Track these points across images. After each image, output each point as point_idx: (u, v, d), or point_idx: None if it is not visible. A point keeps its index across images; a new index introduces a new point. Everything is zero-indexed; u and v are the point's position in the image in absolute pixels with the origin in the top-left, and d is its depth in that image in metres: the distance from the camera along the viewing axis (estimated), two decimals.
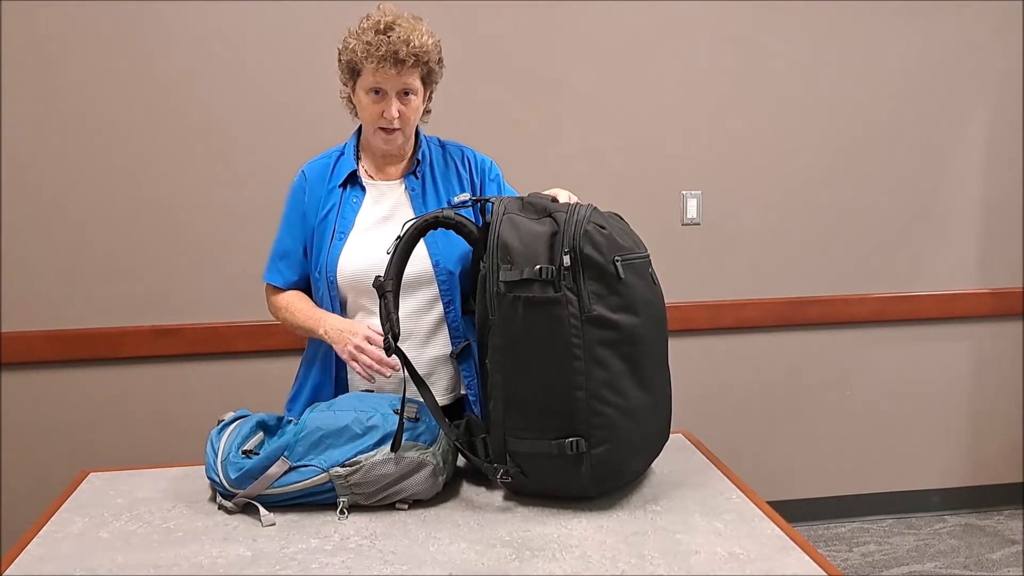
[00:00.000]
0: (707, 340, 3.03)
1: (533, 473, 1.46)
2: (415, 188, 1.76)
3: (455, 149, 1.83)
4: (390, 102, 1.67)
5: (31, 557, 1.34)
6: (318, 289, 1.75)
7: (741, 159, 2.95)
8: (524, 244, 1.43)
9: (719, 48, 2.87)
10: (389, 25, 1.64)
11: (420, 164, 1.77)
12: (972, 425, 3.23)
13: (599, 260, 1.40)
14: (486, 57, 2.76)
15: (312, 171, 1.78)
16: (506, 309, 1.43)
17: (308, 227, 1.76)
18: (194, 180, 2.68)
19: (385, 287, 1.53)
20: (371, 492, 1.45)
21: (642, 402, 1.46)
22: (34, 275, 2.65)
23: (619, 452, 1.44)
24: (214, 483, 1.48)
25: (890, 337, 3.12)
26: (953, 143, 3.05)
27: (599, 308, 1.40)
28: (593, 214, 1.44)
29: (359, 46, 1.64)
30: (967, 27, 2.97)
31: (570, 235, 1.40)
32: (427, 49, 1.66)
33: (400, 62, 1.63)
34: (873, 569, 2.87)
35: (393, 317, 1.51)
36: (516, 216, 1.47)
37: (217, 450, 1.48)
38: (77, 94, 2.60)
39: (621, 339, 1.42)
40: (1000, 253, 3.12)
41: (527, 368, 1.43)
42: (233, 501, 1.46)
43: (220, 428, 1.53)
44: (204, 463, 1.50)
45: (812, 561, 1.28)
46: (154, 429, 2.75)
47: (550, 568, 1.27)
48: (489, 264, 1.45)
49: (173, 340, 2.72)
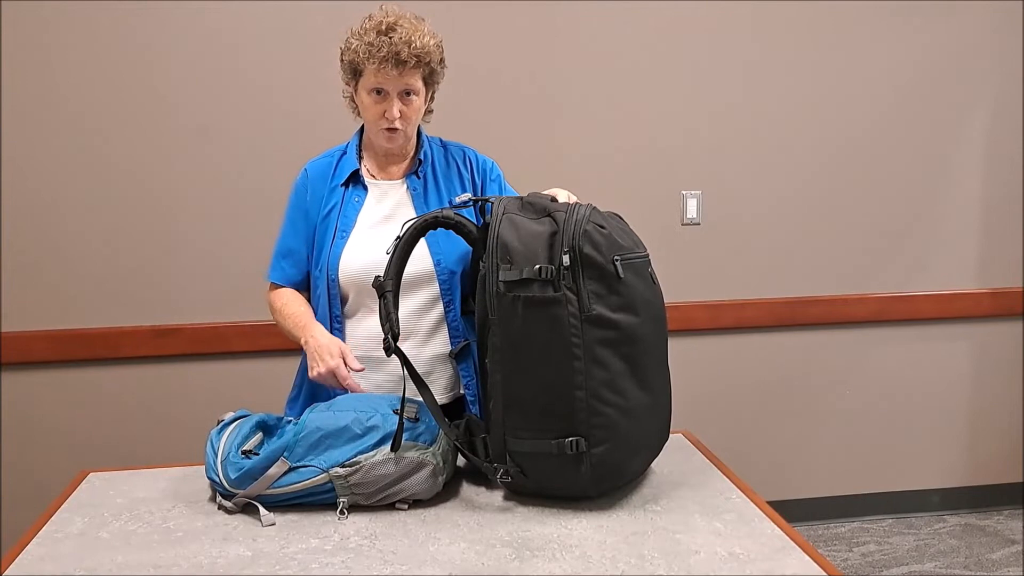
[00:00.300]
0: (707, 340, 3.03)
1: (533, 473, 1.46)
2: (417, 188, 1.76)
3: (457, 149, 1.83)
4: (392, 102, 1.67)
5: (31, 557, 1.34)
6: (318, 287, 1.75)
7: (741, 159, 2.95)
8: (523, 244, 1.43)
9: (719, 48, 2.87)
10: (391, 26, 1.64)
11: (422, 164, 1.77)
12: (972, 425, 3.23)
13: (598, 259, 1.40)
14: (486, 57, 2.76)
15: (315, 170, 1.79)
16: (505, 309, 1.43)
17: (310, 225, 1.76)
18: (194, 180, 2.68)
19: (384, 287, 1.53)
20: (371, 492, 1.45)
21: (642, 402, 1.46)
22: (34, 275, 2.65)
23: (619, 452, 1.44)
24: (214, 483, 1.48)
25: (890, 337, 3.12)
26: (953, 143, 3.05)
27: (599, 307, 1.40)
28: (593, 214, 1.44)
29: (361, 47, 1.65)
30: (967, 27, 2.97)
31: (569, 234, 1.40)
32: (429, 50, 1.66)
33: (402, 63, 1.63)
34: (873, 569, 2.87)
35: (392, 317, 1.52)
36: (515, 216, 1.47)
37: (217, 450, 1.48)
38: (77, 94, 2.60)
39: (621, 339, 1.42)
40: (1000, 253, 3.13)
41: (527, 368, 1.43)
42: (233, 501, 1.46)
43: (220, 428, 1.53)
44: (204, 463, 1.51)
45: (812, 561, 1.28)
46: (154, 429, 2.75)
47: (550, 568, 1.27)
48: (488, 264, 1.45)
49: (173, 340, 2.72)
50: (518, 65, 2.79)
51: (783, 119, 2.94)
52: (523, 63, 2.79)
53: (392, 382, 1.69)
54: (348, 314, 1.74)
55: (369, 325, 1.68)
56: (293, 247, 1.78)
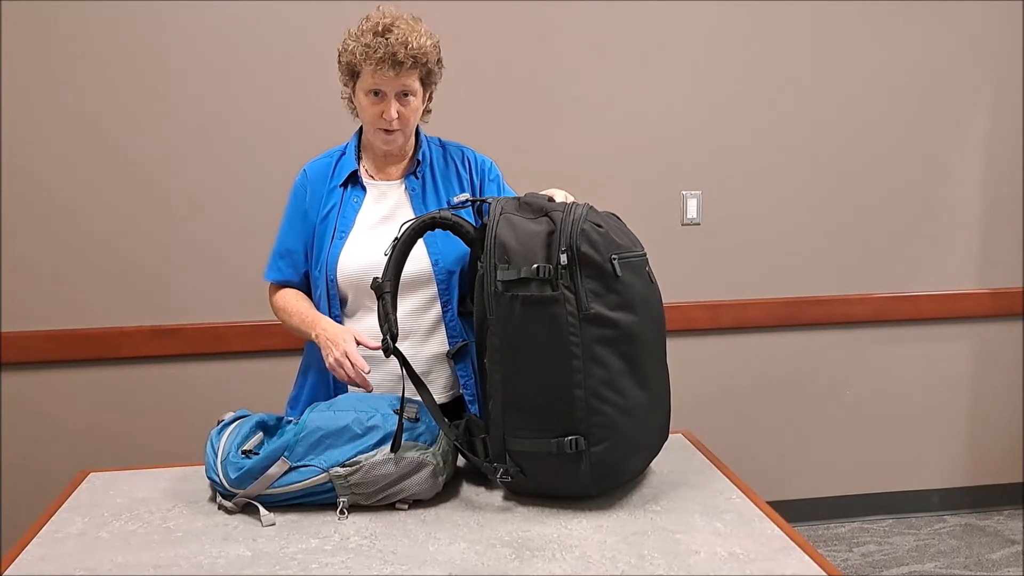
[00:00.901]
0: (707, 340, 3.03)
1: (533, 472, 1.46)
2: (415, 188, 1.76)
3: (455, 149, 1.83)
4: (389, 103, 1.67)
5: (31, 557, 1.34)
6: (317, 287, 1.76)
7: (741, 159, 2.95)
8: (521, 243, 1.43)
9: (719, 48, 2.87)
10: (387, 27, 1.64)
11: (420, 164, 1.77)
12: (972, 425, 3.23)
13: (596, 258, 1.40)
14: (486, 57, 2.76)
15: (314, 170, 1.79)
16: (504, 308, 1.43)
17: (309, 225, 1.76)
18: (194, 180, 2.68)
19: (383, 288, 1.53)
20: (371, 492, 1.45)
21: (641, 400, 1.46)
22: (34, 275, 2.65)
23: (618, 450, 1.45)
24: (214, 483, 1.48)
25: (890, 337, 3.12)
26: (953, 143, 3.05)
27: (596, 306, 1.41)
28: (590, 213, 1.44)
29: (358, 48, 1.64)
30: (967, 27, 2.96)
31: (567, 234, 1.40)
32: (426, 51, 1.66)
33: (398, 64, 1.63)
34: (873, 569, 2.87)
35: (391, 318, 1.52)
36: (513, 216, 1.47)
37: (217, 450, 1.48)
38: (77, 94, 2.60)
39: (619, 337, 1.42)
40: (1000, 253, 3.12)
41: (526, 367, 1.43)
42: (233, 501, 1.46)
43: (220, 428, 1.53)
44: (204, 463, 1.50)
45: (812, 561, 1.28)
46: (154, 429, 2.75)
47: (550, 568, 1.27)
48: (486, 264, 1.45)
49: (173, 340, 2.72)
50: (518, 65, 2.79)
51: (783, 119, 2.94)
52: (523, 63, 2.79)
53: (391, 381, 1.69)
54: (348, 314, 1.75)
55: (369, 324, 1.68)
56: (291, 247, 1.78)
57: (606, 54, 2.82)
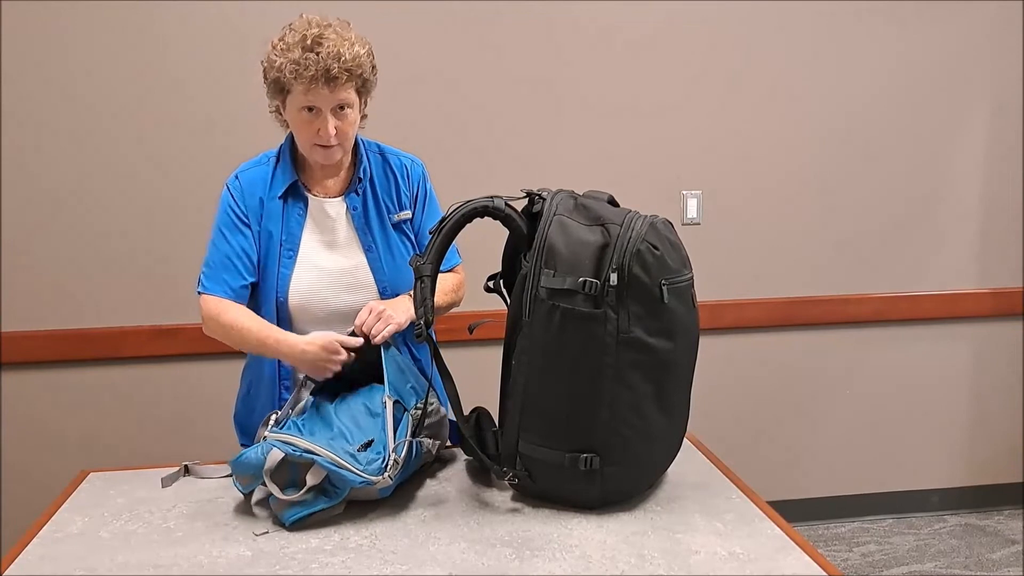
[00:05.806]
0: (707, 340, 2.96)
1: (541, 479, 1.45)
2: (356, 207, 1.72)
3: (395, 158, 1.78)
4: (325, 120, 1.59)
5: (31, 557, 1.34)
6: (265, 304, 1.70)
7: (741, 159, 2.94)
8: (571, 251, 1.39)
9: (719, 48, 2.87)
10: (316, 39, 1.55)
11: (361, 181, 1.72)
12: (972, 425, 3.23)
13: (646, 282, 1.36)
14: (486, 57, 2.76)
15: (248, 179, 1.72)
16: (542, 315, 1.40)
17: (249, 235, 1.69)
18: (194, 180, 2.68)
19: (423, 271, 1.46)
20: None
21: (661, 425, 1.45)
22: (34, 275, 2.65)
23: (631, 472, 1.44)
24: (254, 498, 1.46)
25: (890, 337, 3.12)
26: (953, 143, 3.05)
27: (637, 330, 1.37)
28: (649, 232, 1.38)
29: (287, 65, 1.55)
30: (967, 27, 2.96)
31: (621, 252, 1.36)
32: (360, 61, 1.58)
33: (332, 80, 1.55)
34: (873, 569, 2.87)
35: (428, 303, 1.46)
36: (566, 219, 1.43)
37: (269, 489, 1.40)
38: (77, 93, 2.60)
39: (653, 363, 1.40)
40: (1000, 253, 3.12)
41: (553, 377, 1.41)
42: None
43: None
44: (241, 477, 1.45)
45: (812, 561, 1.28)
46: (154, 429, 2.75)
47: (550, 568, 1.27)
48: (532, 264, 1.41)
49: (173, 340, 2.72)
50: (518, 65, 2.78)
51: (783, 119, 2.94)
52: (523, 63, 2.78)
53: None
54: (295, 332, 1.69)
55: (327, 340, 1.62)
56: (231, 255, 1.68)
57: (606, 53, 2.82)
